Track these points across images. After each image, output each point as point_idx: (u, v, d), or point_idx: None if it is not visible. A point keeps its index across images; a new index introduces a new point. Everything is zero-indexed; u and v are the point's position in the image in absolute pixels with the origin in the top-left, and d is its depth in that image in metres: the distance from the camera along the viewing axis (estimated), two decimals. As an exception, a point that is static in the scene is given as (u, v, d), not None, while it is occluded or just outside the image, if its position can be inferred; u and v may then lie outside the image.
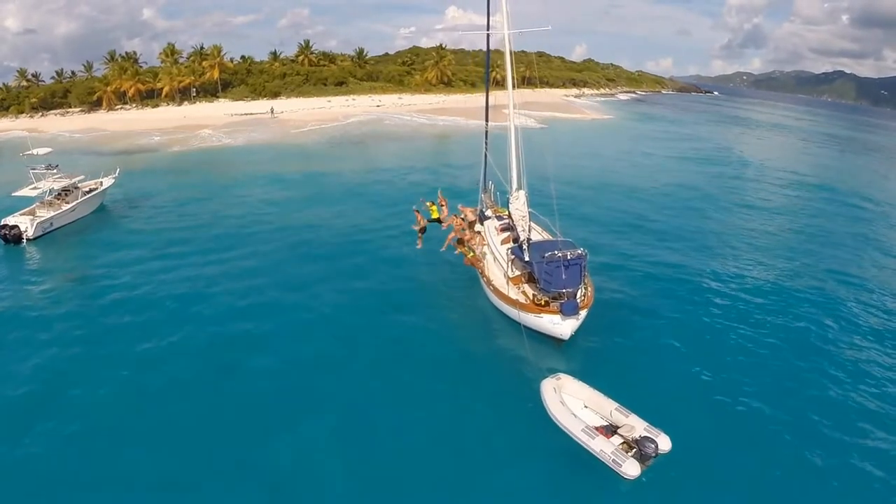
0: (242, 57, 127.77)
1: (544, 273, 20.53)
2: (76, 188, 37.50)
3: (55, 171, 36.85)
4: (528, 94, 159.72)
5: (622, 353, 20.63)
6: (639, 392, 17.48)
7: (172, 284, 26.30)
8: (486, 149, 28.82)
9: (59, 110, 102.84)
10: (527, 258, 21.84)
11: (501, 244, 25.07)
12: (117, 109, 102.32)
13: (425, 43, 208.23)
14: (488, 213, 28.80)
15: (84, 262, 30.01)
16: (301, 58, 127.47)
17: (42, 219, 33.51)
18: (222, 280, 26.73)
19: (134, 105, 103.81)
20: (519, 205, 23.88)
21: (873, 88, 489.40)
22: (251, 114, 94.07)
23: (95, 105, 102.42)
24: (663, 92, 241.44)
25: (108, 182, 40.71)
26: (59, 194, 36.54)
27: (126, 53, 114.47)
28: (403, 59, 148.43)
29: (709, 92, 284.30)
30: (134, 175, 48.67)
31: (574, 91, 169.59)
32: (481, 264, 25.00)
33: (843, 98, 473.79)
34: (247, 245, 31.61)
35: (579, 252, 20.68)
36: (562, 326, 20.20)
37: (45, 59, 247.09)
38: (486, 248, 25.76)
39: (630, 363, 19.99)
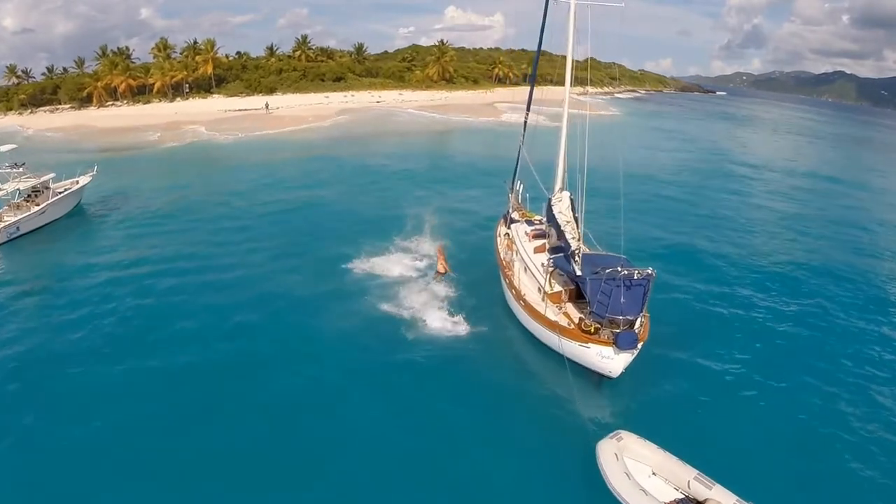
0: (238, 53, 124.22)
1: (599, 293, 16.76)
2: (47, 188, 33.90)
3: (21, 169, 33.14)
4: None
5: (691, 402, 16.80)
6: (720, 454, 13.81)
7: (143, 306, 22.54)
8: (521, 143, 25.19)
9: (48, 107, 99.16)
10: (578, 272, 17.95)
11: (534, 253, 21.37)
12: (108, 106, 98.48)
13: (425, 42, 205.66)
14: (514, 215, 25.11)
15: (50, 273, 26.38)
16: (298, 53, 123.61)
17: (7, 223, 30.09)
18: (198, 307, 22.44)
19: (125, 101, 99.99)
20: (563, 208, 20.51)
21: (874, 89, 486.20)
22: (245, 110, 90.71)
23: (85, 101, 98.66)
24: (665, 91, 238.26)
25: (84, 181, 37.16)
26: (29, 196, 33.05)
27: (118, 49, 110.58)
28: (404, 55, 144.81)
29: (710, 91, 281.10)
30: (116, 174, 45.31)
31: (578, 89, 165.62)
32: (510, 272, 21.40)
33: (843, 98, 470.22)
34: (233, 263, 27.06)
35: (648, 272, 16.76)
36: (613, 362, 16.55)
37: (43, 59, 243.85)
38: (515, 255, 22.06)
39: (704, 416, 16.13)
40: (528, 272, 20.73)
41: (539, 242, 22.12)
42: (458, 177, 46.88)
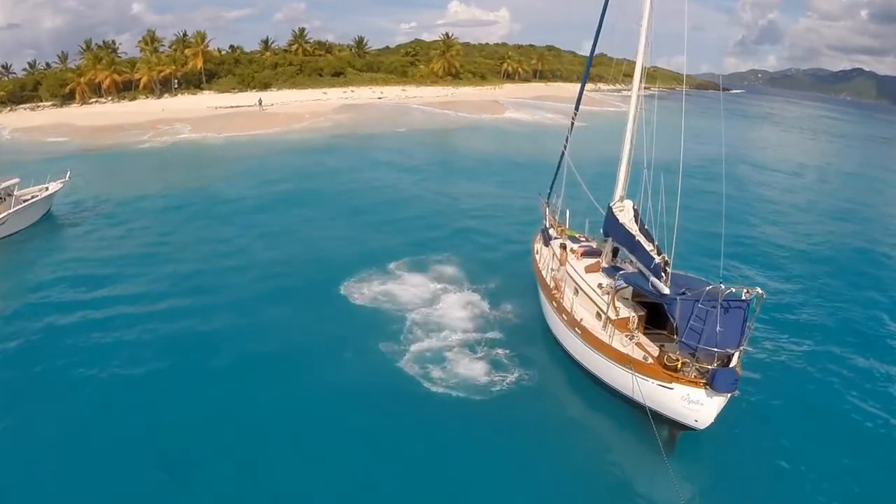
0: (231, 46, 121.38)
1: (693, 318, 13.74)
2: (9, 195, 31.02)
3: (-24, 174, 30.18)
4: (542, 87, 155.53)
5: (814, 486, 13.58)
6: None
7: (109, 341, 19.27)
8: (565, 148, 22.10)
9: (29, 104, 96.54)
10: (665, 290, 14.91)
11: (586, 272, 18.42)
12: (91, 103, 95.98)
13: (427, 38, 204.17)
14: (552, 232, 22.02)
15: (4, 297, 23.02)
16: (295, 47, 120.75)
17: (-44, 235, 27.16)
18: (174, 346, 18.95)
19: (109, 98, 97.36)
20: (626, 220, 17.77)
21: (894, 87, 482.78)
22: (237, 106, 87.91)
23: (68, 98, 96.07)
24: (677, 89, 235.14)
25: (55, 187, 34.47)
26: (-13, 203, 30.11)
27: (104, 42, 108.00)
28: (407, 49, 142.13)
29: (726, 89, 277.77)
30: (93, 178, 43.03)
31: (589, 86, 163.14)
32: (557, 294, 18.46)
33: (862, 97, 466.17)
34: (211, 303, 22.80)
35: (758, 291, 13.76)
36: (703, 408, 13.56)
37: (30, 56, 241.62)
38: (564, 272, 19.09)
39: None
40: (581, 294, 17.79)
41: (590, 261, 19.20)
42: (478, 186, 43.32)
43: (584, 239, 21.80)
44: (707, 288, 13.72)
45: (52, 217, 34.12)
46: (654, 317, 16.28)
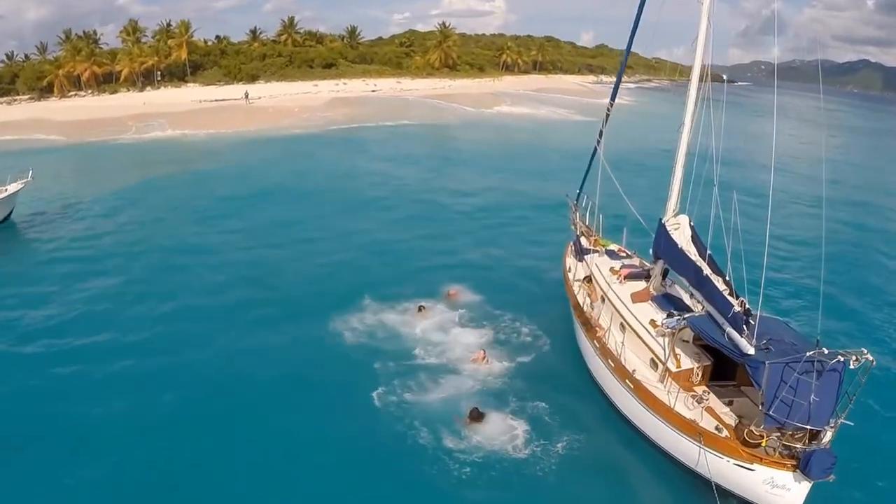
0: (217, 37, 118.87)
1: (785, 386, 10.88)
2: (-40, 199, 28.15)
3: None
4: (542, 79, 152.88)
5: None
6: None
7: (72, 371, 16.77)
8: (598, 144, 19.18)
9: (6, 98, 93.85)
10: (749, 350, 11.68)
11: (633, 303, 15.34)
12: (70, 96, 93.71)
13: (421, 29, 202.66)
14: (584, 242, 19.07)
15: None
16: (284, 37, 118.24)
17: None
18: (128, 412, 15.33)
19: (89, 91, 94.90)
20: (683, 241, 14.68)
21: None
22: (222, 100, 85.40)
23: (46, 91, 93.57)
24: (680, 81, 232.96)
25: (14, 188, 31.60)
26: (-64, 208, 27.53)
27: (84, 32, 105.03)
28: (401, 40, 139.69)
29: (731, 81, 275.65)
30: (64, 177, 41.58)
31: (591, 77, 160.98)
32: (600, 333, 15.58)
33: (868, 89, 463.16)
34: (181, 332, 19.71)
35: (867, 356, 10.62)
36: (789, 494, 11.14)
37: (14, 47, 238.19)
38: (603, 307, 16.14)
39: None
40: (629, 332, 14.73)
41: (636, 286, 16.03)
42: (488, 192, 39.60)
43: (623, 253, 18.79)
44: (807, 353, 10.79)
45: (13, 223, 31.46)
46: (719, 363, 13.49)
